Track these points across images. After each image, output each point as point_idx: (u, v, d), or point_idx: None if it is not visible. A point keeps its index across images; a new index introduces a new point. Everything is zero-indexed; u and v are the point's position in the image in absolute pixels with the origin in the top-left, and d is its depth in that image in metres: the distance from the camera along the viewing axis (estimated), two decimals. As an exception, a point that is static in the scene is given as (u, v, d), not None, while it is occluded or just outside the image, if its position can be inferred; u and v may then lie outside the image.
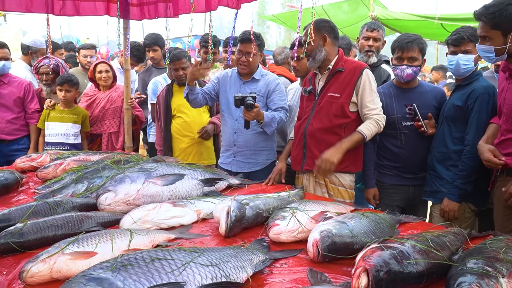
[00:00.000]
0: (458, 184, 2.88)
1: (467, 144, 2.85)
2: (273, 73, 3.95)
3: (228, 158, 3.77)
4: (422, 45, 3.14)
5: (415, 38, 3.15)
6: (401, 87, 3.29)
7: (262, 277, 1.71)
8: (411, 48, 3.11)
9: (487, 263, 1.50)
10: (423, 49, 3.14)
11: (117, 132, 4.69)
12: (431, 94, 3.24)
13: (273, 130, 3.60)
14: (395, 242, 1.66)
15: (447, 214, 2.94)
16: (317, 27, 3.11)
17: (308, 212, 2.16)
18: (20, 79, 4.60)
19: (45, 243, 1.90)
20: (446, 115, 3.04)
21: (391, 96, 3.29)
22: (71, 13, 4.23)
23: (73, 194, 2.68)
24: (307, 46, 3.07)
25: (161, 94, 4.43)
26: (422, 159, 3.20)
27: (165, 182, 2.57)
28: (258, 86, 3.70)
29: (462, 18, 8.00)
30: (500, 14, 2.40)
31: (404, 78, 3.17)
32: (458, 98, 2.98)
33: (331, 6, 11.31)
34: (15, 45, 8.94)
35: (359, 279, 1.47)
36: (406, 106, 3.20)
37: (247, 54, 3.59)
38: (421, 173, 3.24)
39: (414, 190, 3.29)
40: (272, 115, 3.49)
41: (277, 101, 3.65)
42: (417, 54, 3.12)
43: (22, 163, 3.42)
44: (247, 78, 3.74)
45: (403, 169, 3.27)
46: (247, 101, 3.19)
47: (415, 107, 3.12)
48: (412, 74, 3.14)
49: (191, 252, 1.65)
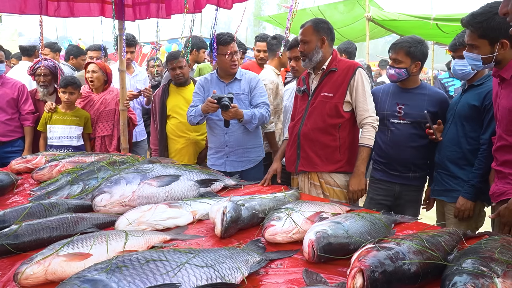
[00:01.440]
0: (475, 182, 2.87)
1: (484, 143, 2.84)
2: (252, 72, 3.94)
3: (219, 159, 3.75)
4: (408, 48, 3.14)
5: (403, 41, 3.21)
6: (399, 86, 3.33)
7: (258, 278, 1.71)
8: (395, 50, 3.20)
9: (482, 263, 1.50)
10: (410, 52, 3.14)
11: (110, 135, 4.67)
12: (429, 97, 3.23)
13: (254, 127, 3.63)
14: (390, 242, 1.66)
15: (462, 213, 2.93)
16: (316, 28, 3.11)
17: (304, 212, 2.16)
18: (14, 81, 4.58)
19: (40, 244, 1.89)
20: (460, 114, 3.04)
21: (388, 93, 3.35)
22: (66, 15, 4.20)
23: (69, 196, 2.68)
24: (304, 45, 3.10)
25: (157, 94, 4.43)
26: (407, 158, 3.23)
27: (161, 183, 2.56)
28: (241, 85, 3.72)
29: (457, 19, 8.02)
30: (487, 24, 2.40)
31: (388, 77, 3.29)
32: (473, 97, 2.99)
33: (327, 7, 11.33)
34: (11, 46, 8.91)
35: (354, 279, 1.47)
36: (397, 104, 3.24)
37: (235, 53, 3.61)
38: (407, 173, 3.27)
39: (401, 190, 3.31)
40: (252, 112, 3.52)
41: (258, 97, 3.68)
42: (401, 57, 3.15)
43: (17, 165, 3.41)
44: (229, 80, 3.73)
45: (389, 166, 3.32)
46: (222, 102, 3.27)
47: (426, 114, 3.09)
48: (395, 75, 3.20)
49: (186, 253, 1.64)
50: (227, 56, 3.59)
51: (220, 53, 3.60)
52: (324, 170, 3.12)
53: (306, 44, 3.11)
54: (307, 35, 3.12)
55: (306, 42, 3.11)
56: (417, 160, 3.25)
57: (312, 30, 3.11)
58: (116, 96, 4.68)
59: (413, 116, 3.19)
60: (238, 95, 3.66)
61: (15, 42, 11.36)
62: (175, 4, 4.15)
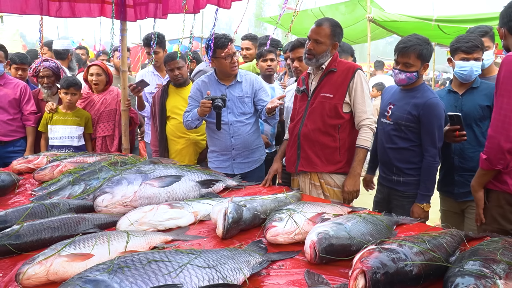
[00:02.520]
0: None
1: None
2: (251, 73, 3.90)
3: (225, 162, 3.71)
4: (420, 51, 2.93)
5: (413, 44, 2.96)
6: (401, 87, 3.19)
7: (259, 279, 1.71)
8: (406, 53, 2.95)
9: (484, 265, 1.50)
10: (421, 55, 2.94)
11: (111, 135, 4.67)
12: (416, 99, 3.01)
13: (276, 122, 3.70)
14: (392, 243, 1.66)
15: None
16: (334, 32, 3.08)
17: (305, 213, 2.15)
18: (16, 81, 4.58)
19: (42, 245, 1.90)
20: (472, 116, 3.06)
21: (390, 92, 3.27)
22: (67, 15, 4.22)
23: (70, 196, 2.68)
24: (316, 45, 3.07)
25: (156, 95, 4.42)
26: (388, 160, 3.14)
27: (162, 184, 2.56)
28: (244, 87, 3.68)
29: (458, 20, 8.03)
30: None
31: (397, 82, 3.10)
32: (482, 99, 3.05)
33: (328, 8, 11.32)
34: (12, 46, 8.93)
35: (356, 280, 1.47)
36: (389, 104, 3.16)
37: (234, 54, 3.56)
38: (390, 176, 3.16)
39: (389, 193, 3.21)
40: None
41: (265, 98, 3.67)
42: (412, 60, 2.94)
43: (19, 165, 3.42)
44: (230, 82, 3.67)
45: (380, 167, 3.32)
46: (215, 103, 3.28)
47: (460, 117, 2.91)
48: (405, 80, 3.01)
49: (188, 254, 1.64)
50: (226, 59, 3.52)
51: (219, 56, 3.53)
52: (324, 170, 3.12)
53: (318, 44, 3.06)
54: (323, 36, 3.06)
55: (320, 42, 3.06)
56: (399, 163, 3.08)
57: (329, 33, 3.06)
58: (116, 96, 4.68)
59: (395, 117, 3.07)
60: (242, 98, 3.62)
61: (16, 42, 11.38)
62: (173, 3, 4.14)
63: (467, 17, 7.88)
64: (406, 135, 3.04)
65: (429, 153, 2.97)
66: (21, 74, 4.90)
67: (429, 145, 2.96)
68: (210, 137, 3.77)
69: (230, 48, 3.52)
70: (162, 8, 4.23)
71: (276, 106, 3.21)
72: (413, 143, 3.04)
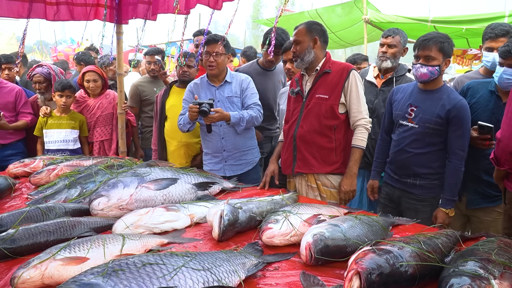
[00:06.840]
0: None
1: None
2: (242, 73, 3.91)
3: (217, 164, 3.73)
4: (441, 44, 2.83)
5: (433, 36, 2.87)
6: (419, 86, 3.07)
7: (255, 281, 1.71)
8: (427, 46, 2.85)
9: (479, 265, 1.50)
10: (443, 48, 2.84)
11: (109, 139, 4.67)
12: (443, 102, 2.90)
13: (242, 129, 3.61)
14: (387, 244, 1.66)
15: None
16: (309, 29, 3.14)
17: (301, 215, 2.15)
18: (11, 86, 4.58)
19: (37, 249, 1.89)
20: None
21: (405, 93, 3.15)
22: (65, 18, 4.22)
23: (66, 200, 2.68)
24: (297, 46, 3.13)
25: (159, 94, 4.44)
26: (407, 163, 3.04)
27: (158, 187, 2.56)
28: (233, 88, 3.71)
29: (455, 21, 8.05)
30: None
31: (418, 77, 2.95)
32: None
33: (325, 10, 11.35)
34: (9, 50, 8.92)
35: (351, 282, 1.47)
36: (410, 106, 3.03)
37: (214, 54, 3.58)
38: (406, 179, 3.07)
39: (400, 196, 3.13)
40: (240, 114, 3.51)
41: (249, 99, 3.67)
42: (434, 53, 2.84)
43: (15, 169, 3.41)
44: (219, 83, 3.71)
45: (391, 168, 3.21)
46: (201, 108, 3.28)
47: (492, 129, 2.81)
48: (427, 74, 2.88)
49: (183, 256, 1.64)
50: (205, 57, 3.61)
51: (203, 52, 3.63)
52: (320, 171, 3.13)
53: (298, 44, 3.14)
54: (300, 36, 3.14)
55: (299, 42, 3.14)
56: (418, 167, 2.99)
57: (304, 31, 3.13)
58: (113, 99, 4.68)
59: (422, 120, 2.94)
60: (231, 98, 3.65)
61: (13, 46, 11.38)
62: (162, 3, 4.15)
63: (463, 18, 7.91)
64: (431, 139, 2.94)
65: (456, 157, 2.87)
66: (8, 74, 4.93)
67: (458, 148, 2.86)
68: (203, 139, 3.81)
69: (212, 47, 3.56)
70: (152, 9, 4.22)
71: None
72: (436, 148, 2.95)
